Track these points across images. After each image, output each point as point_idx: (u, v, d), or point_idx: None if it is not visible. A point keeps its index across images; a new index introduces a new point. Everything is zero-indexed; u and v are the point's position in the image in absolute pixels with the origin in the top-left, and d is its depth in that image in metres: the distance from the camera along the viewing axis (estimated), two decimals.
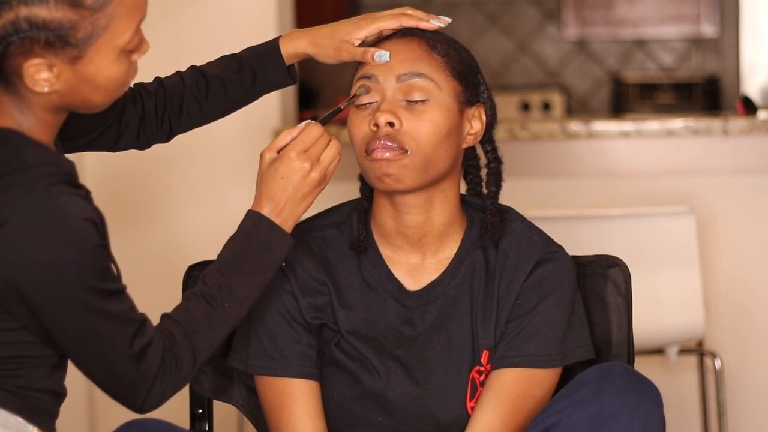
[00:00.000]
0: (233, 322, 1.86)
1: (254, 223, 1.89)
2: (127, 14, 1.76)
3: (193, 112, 2.13)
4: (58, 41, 1.72)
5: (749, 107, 3.72)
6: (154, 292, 3.49)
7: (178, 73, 2.14)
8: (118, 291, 1.77)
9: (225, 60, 2.13)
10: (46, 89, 1.74)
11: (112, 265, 1.80)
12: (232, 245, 1.89)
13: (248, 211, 1.91)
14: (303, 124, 1.92)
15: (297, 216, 1.90)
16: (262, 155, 1.92)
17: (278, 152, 1.91)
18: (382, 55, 1.97)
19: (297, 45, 2.08)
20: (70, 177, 1.78)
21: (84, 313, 1.73)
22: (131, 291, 1.82)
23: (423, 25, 2.00)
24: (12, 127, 1.77)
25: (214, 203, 3.66)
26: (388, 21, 2.01)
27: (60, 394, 1.87)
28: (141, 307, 1.80)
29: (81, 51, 1.74)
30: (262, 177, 1.91)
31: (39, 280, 1.70)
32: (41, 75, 1.73)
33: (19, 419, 1.79)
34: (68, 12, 1.72)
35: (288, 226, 1.90)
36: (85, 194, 1.79)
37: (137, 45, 1.80)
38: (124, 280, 1.81)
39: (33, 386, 1.81)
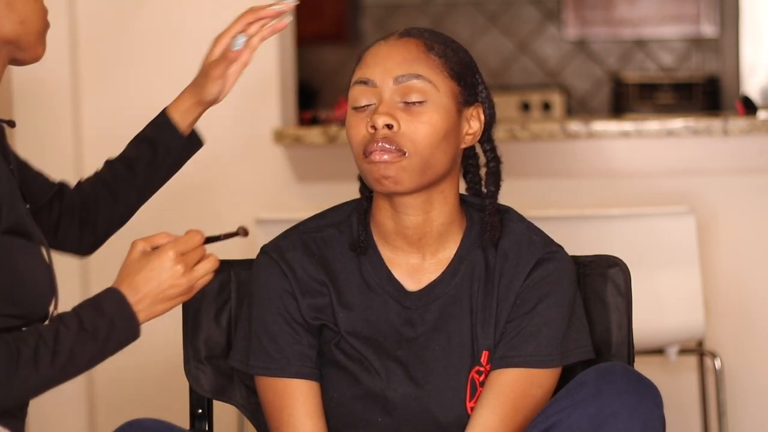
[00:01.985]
0: (59, 371, 1.75)
1: (108, 298, 1.81)
2: None
3: (108, 201, 2.16)
4: None
5: (749, 107, 3.73)
6: None
7: (95, 171, 2.18)
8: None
9: (129, 143, 2.18)
10: None
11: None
12: (82, 306, 1.81)
13: (108, 288, 1.83)
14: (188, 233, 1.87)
15: (150, 315, 1.83)
16: (134, 244, 1.85)
17: (153, 248, 1.84)
18: (236, 43, 2.09)
19: (183, 100, 2.16)
20: None
21: None
22: None
23: (263, 13, 2.08)
24: None
25: (213, 203, 3.66)
26: (235, 26, 2.12)
27: None
28: None
29: None
30: (129, 263, 1.83)
31: None
32: None
33: None
34: None
35: (140, 318, 1.82)
36: None
37: None
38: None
39: None
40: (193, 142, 2.17)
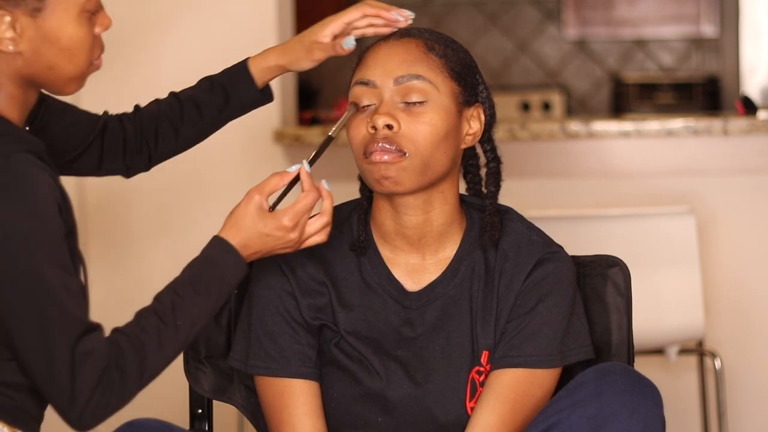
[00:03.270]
0: (183, 341, 1.80)
1: (217, 248, 1.85)
2: None
3: (169, 136, 2.15)
4: None
5: (749, 107, 3.73)
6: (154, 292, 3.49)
7: (155, 99, 2.16)
8: (72, 279, 1.72)
9: (200, 82, 2.16)
10: (11, 48, 1.75)
11: (79, 266, 1.77)
12: (191, 266, 1.84)
13: (215, 236, 1.86)
14: (294, 168, 1.89)
15: (257, 258, 1.88)
16: (251, 195, 1.86)
17: (267, 197, 1.87)
18: (347, 42, 2.04)
19: (267, 59, 2.13)
20: (35, 150, 1.75)
21: (34, 290, 1.67)
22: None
23: (384, 14, 2.04)
24: None
25: (213, 203, 3.66)
26: (351, 14, 2.06)
27: (39, 393, 1.80)
28: None
29: (41, 2, 1.75)
30: (245, 216, 1.85)
31: None
32: (5, 33, 1.74)
33: None
34: None
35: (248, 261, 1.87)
36: (51, 174, 1.76)
37: (96, 6, 1.82)
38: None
39: (3, 381, 1.76)
40: (265, 97, 2.16)
